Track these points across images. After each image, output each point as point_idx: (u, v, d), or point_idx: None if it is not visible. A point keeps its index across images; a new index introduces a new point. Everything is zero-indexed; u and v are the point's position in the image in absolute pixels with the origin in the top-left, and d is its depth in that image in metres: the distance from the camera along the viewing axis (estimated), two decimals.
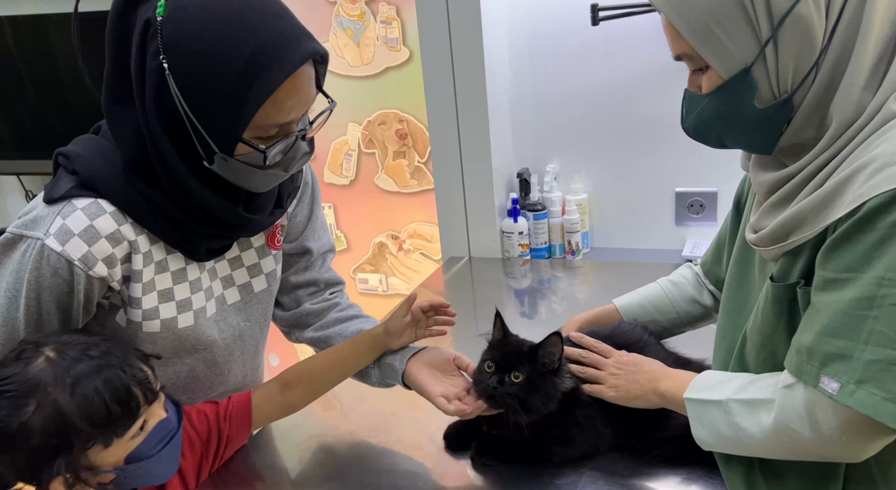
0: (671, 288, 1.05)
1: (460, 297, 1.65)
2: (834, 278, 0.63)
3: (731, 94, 0.68)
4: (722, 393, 0.73)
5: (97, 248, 0.84)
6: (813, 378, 0.64)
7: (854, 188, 0.62)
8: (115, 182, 0.86)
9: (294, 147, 0.85)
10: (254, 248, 1.01)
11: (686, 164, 1.72)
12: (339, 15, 2.06)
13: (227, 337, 1.01)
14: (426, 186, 2.14)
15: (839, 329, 0.62)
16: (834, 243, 0.63)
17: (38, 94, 2.23)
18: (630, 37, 1.66)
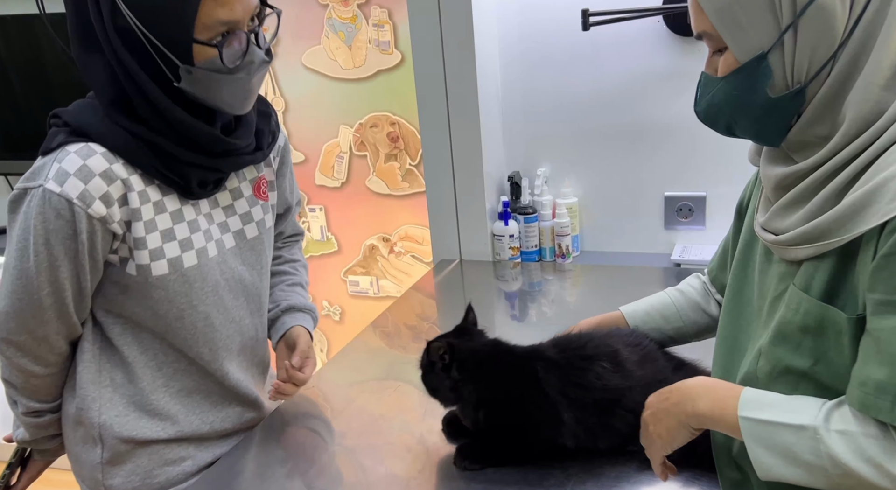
0: (678, 296, 1.03)
1: (451, 299, 1.66)
2: (889, 300, 0.61)
3: (744, 78, 0.67)
4: (803, 417, 0.66)
5: (93, 186, 0.90)
6: (888, 414, 0.60)
7: (887, 198, 0.60)
8: (102, 126, 0.92)
9: (249, 51, 0.91)
10: (244, 198, 1.08)
11: (675, 169, 1.74)
12: (332, 18, 2.06)
13: (231, 281, 1.06)
14: (417, 189, 2.15)
15: None
16: (881, 263, 0.61)
17: (25, 94, 2.22)
18: (620, 42, 1.68)
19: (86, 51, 0.92)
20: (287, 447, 1.08)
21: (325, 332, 2.44)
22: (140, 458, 1.04)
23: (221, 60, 0.89)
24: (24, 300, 0.93)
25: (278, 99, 2.20)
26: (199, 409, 1.07)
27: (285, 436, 1.11)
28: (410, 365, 1.30)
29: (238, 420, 1.12)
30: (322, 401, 1.22)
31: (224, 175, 1.03)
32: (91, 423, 1.02)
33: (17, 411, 1.05)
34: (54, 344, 0.99)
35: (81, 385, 1.02)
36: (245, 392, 1.12)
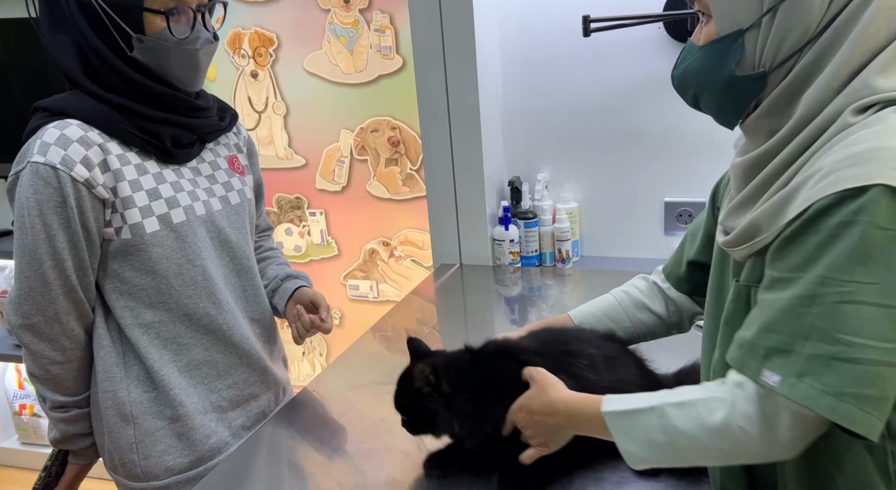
0: (623, 297, 1.05)
1: (451, 304, 1.66)
2: (779, 277, 0.65)
3: (718, 51, 0.70)
4: (650, 401, 0.72)
5: (72, 151, 0.97)
6: (754, 371, 0.65)
7: (803, 193, 0.64)
8: (77, 103, 1.01)
9: (196, 27, 1.01)
10: (223, 170, 1.16)
11: (675, 175, 1.74)
12: (333, 23, 2.07)
13: (216, 240, 1.12)
14: (418, 193, 2.15)
15: (781, 325, 0.63)
16: (781, 244, 0.65)
17: (25, 97, 2.23)
18: (621, 48, 1.69)
19: (53, 30, 1.01)
20: (287, 451, 1.08)
21: (324, 336, 2.44)
22: (169, 436, 1.08)
23: (170, 31, 0.99)
24: (31, 278, 0.99)
25: (279, 103, 2.21)
26: (207, 379, 1.12)
27: (285, 439, 1.11)
28: None
29: (245, 385, 1.16)
30: (322, 405, 1.22)
31: (196, 137, 1.11)
32: (121, 402, 1.06)
33: (46, 408, 1.09)
34: (66, 325, 1.03)
35: (106, 368, 1.06)
36: (250, 351, 1.16)
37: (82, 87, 1.01)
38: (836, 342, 0.59)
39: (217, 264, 1.12)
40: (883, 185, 0.58)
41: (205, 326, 1.10)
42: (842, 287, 0.59)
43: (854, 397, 0.59)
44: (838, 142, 0.63)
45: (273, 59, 2.16)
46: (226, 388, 1.14)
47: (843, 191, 0.59)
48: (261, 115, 2.24)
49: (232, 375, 1.14)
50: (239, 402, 1.16)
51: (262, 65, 2.18)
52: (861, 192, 0.59)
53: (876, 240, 0.58)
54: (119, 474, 1.11)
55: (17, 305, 1.01)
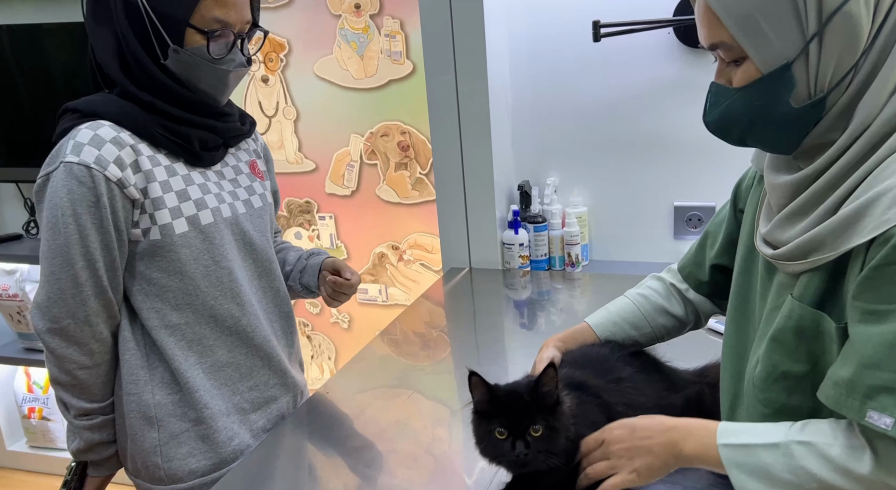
0: (642, 301, 1.01)
1: (460, 307, 1.66)
2: (873, 310, 0.61)
3: (767, 89, 0.66)
4: (773, 435, 0.67)
5: (105, 151, 0.98)
6: (856, 412, 0.61)
7: (878, 213, 0.60)
8: (109, 105, 1.03)
9: (234, 50, 1.05)
10: (244, 174, 1.19)
11: (684, 179, 1.75)
12: (344, 28, 2.09)
13: (241, 242, 1.14)
14: (427, 198, 2.16)
15: (885, 361, 0.59)
16: (869, 274, 0.62)
17: (33, 102, 2.25)
18: (630, 53, 1.70)
19: (96, 21, 1.03)
20: (297, 455, 1.08)
21: (333, 340, 2.44)
22: (193, 439, 1.09)
23: (208, 50, 1.01)
24: (62, 279, 0.99)
25: (290, 108, 2.22)
26: (230, 381, 1.13)
27: (295, 443, 1.12)
28: (420, 373, 1.32)
29: (266, 387, 1.18)
30: (332, 409, 1.23)
31: (221, 141, 1.13)
32: (146, 404, 1.07)
33: (69, 416, 1.08)
34: (96, 327, 1.03)
35: (131, 371, 1.07)
36: (271, 353, 1.17)
37: (117, 81, 1.03)
38: None
39: (241, 266, 1.13)
40: None
41: (229, 328, 1.11)
42: None
43: None
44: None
45: (284, 64, 2.18)
46: (248, 390, 1.15)
47: None
48: (271, 119, 2.25)
49: (254, 377, 1.15)
50: (260, 405, 1.17)
51: (272, 70, 2.19)
52: None
53: None
54: (141, 478, 1.11)
55: (45, 309, 1.00)
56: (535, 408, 0.80)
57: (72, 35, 2.13)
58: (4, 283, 2.34)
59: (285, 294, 1.24)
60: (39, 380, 2.52)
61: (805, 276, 0.69)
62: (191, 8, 0.98)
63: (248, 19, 1.05)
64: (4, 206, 2.59)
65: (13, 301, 2.35)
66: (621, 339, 1.00)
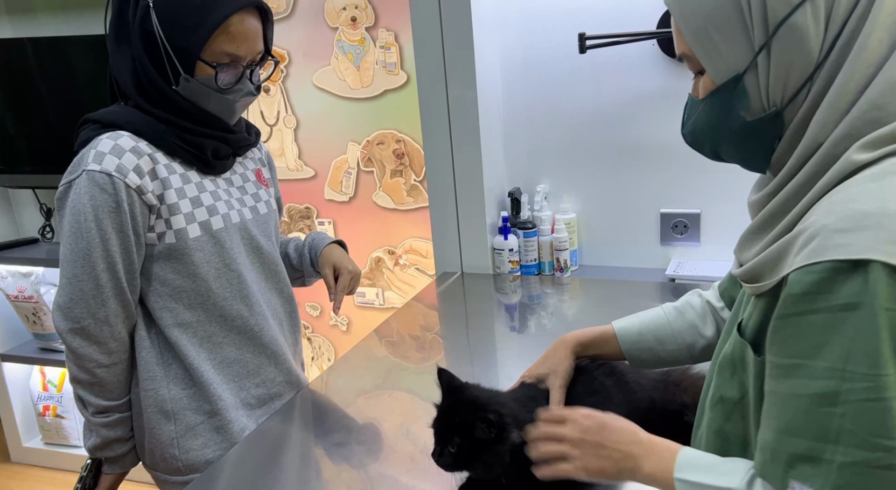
0: (674, 315, 0.96)
1: (452, 311, 1.70)
2: (784, 364, 0.59)
3: (721, 101, 0.66)
4: (726, 479, 0.64)
5: (126, 160, 1.04)
6: (779, 482, 0.58)
7: (793, 251, 0.59)
8: (127, 116, 1.08)
9: (242, 80, 1.09)
10: (251, 182, 1.24)
11: (670, 186, 1.78)
12: (341, 40, 2.14)
13: (249, 247, 1.20)
14: (422, 204, 2.21)
15: (803, 427, 0.56)
16: (776, 325, 0.59)
17: (55, 111, 2.31)
18: (616, 64, 1.73)
19: (117, 43, 1.09)
20: (293, 451, 1.12)
21: (332, 342, 2.50)
22: (208, 430, 1.14)
23: (216, 81, 1.06)
24: (84, 282, 1.04)
25: (290, 117, 2.28)
26: (238, 377, 1.18)
27: (290, 440, 1.15)
28: (414, 374, 1.35)
29: (271, 384, 1.23)
30: (327, 407, 1.27)
31: (231, 150, 1.18)
32: (162, 399, 1.12)
33: (87, 414, 1.13)
34: (115, 327, 1.08)
35: (147, 368, 1.12)
36: (277, 352, 1.23)
37: (132, 99, 1.08)
38: (873, 447, 0.52)
39: (250, 269, 1.19)
40: (880, 262, 0.52)
41: (237, 327, 1.16)
42: (865, 382, 0.52)
43: None
44: (839, 190, 0.58)
45: (284, 75, 2.24)
46: (254, 387, 1.20)
47: (836, 262, 0.54)
48: (272, 128, 2.32)
49: (260, 374, 1.20)
50: (265, 401, 1.22)
51: (273, 80, 2.26)
52: (856, 267, 0.53)
53: (886, 324, 0.52)
54: (160, 470, 1.16)
55: (67, 310, 1.05)
56: (458, 430, 0.81)
57: (94, 47, 2.19)
58: (21, 285, 2.42)
59: (291, 295, 1.30)
60: (54, 378, 2.59)
61: (757, 300, 0.67)
62: (203, 42, 1.03)
63: (260, 50, 1.09)
64: (23, 211, 2.68)
65: (29, 302, 2.42)
66: (643, 350, 0.96)
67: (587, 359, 1.01)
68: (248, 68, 1.09)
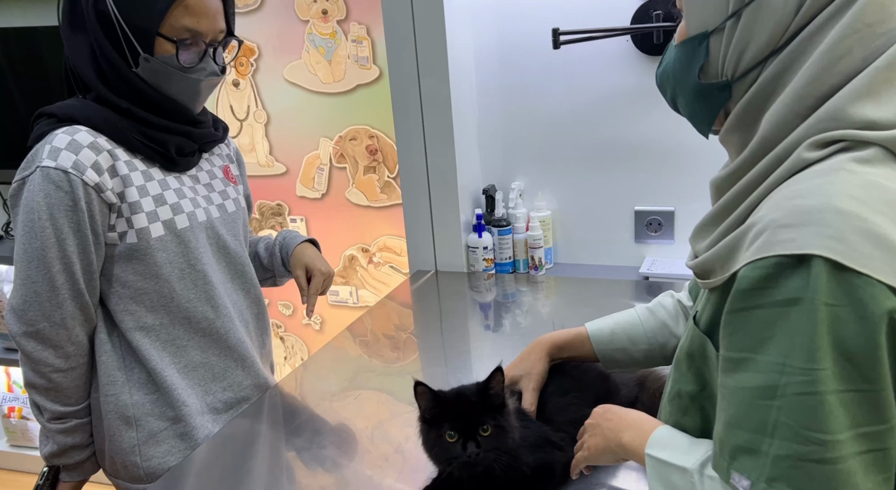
0: (647, 315, 0.97)
1: (427, 309, 1.69)
2: (732, 358, 0.59)
3: (686, 54, 0.67)
4: (686, 459, 0.66)
5: (83, 156, 1.00)
6: (724, 473, 0.60)
7: (743, 247, 0.59)
8: (85, 110, 1.03)
9: (205, 59, 1.05)
10: (219, 179, 1.21)
11: (645, 185, 1.78)
12: (312, 33, 2.10)
13: (215, 247, 1.17)
14: (396, 201, 2.18)
15: (744, 420, 0.57)
16: (726, 319, 0.60)
17: (23, 104, 2.25)
18: (591, 61, 1.72)
19: (72, 29, 1.04)
20: (262, 453, 1.09)
21: (305, 342, 2.47)
22: (172, 437, 1.11)
23: (177, 58, 1.02)
24: (38, 283, 1.00)
25: (261, 112, 2.24)
26: (203, 381, 1.15)
27: (259, 441, 1.13)
28: (386, 374, 1.33)
29: (239, 388, 1.20)
30: (296, 408, 1.24)
31: (196, 146, 1.15)
32: (123, 405, 1.09)
33: (43, 420, 1.08)
34: (72, 330, 1.04)
35: (108, 373, 1.08)
36: (245, 354, 1.20)
37: (93, 88, 1.04)
38: (805, 441, 0.53)
39: (216, 269, 1.16)
40: (822, 258, 0.52)
41: (203, 329, 1.13)
42: (801, 376, 0.53)
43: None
44: (788, 185, 0.58)
45: (254, 69, 2.19)
46: (221, 391, 1.17)
47: (781, 257, 0.54)
48: (242, 123, 2.27)
49: (227, 378, 1.18)
50: (232, 405, 1.19)
51: (243, 74, 2.21)
52: (799, 262, 0.53)
53: (824, 319, 0.52)
54: (120, 478, 1.13)
55: (21, 313, 1.01)
56: (483, 408, 0.82)
57: None
58: None
59: (259, 296, 1.27)
60: (19, 379, 2.53)
61: (710, 294, 0.68)
62: (160, 17, 0.99)
63: (222, 28, 1.06)
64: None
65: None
66: (616, 351, 0.97)
67: (562, 361, 1.01)
68: (210, 46, 1.06)
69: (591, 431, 0.81)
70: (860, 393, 0.53)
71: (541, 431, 0.90)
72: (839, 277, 0.52)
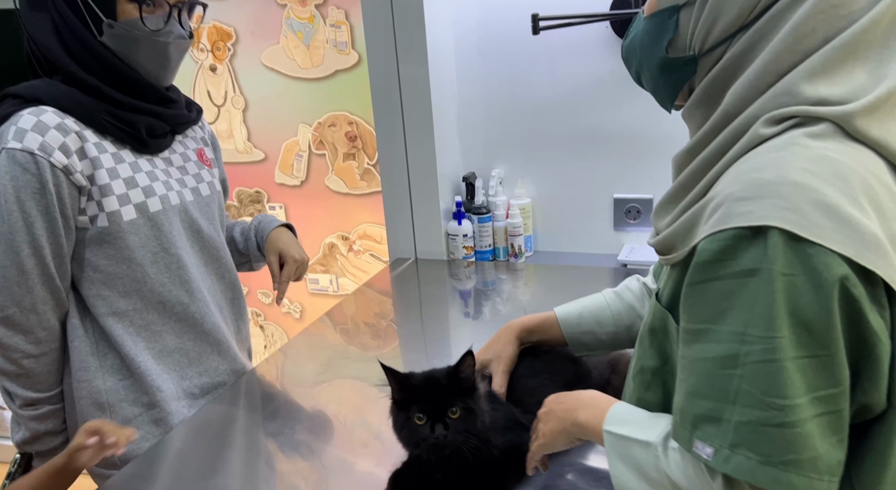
0: (613, 298, 0.99)
1: (406, 297, 1.68)
2: (692, 329, 0.60)
3: (655, 27, 0.67)
4: (648, 433, 0.67)
5: (50, 137, 0.97)
6: (686, 442, 0.60)
7: (701, 221, 0.60)
8: (52, 90, 1.01)
9: (171, 22, 1.03)
10: (192, 162, 1.19)
11: (624, 172, 1.78)
12: (290, 17, 2.07)
13: (189, 230, 1.15)
14: (375, 188, 2.17)
15: (706, 389, 0.58)
16: (686, 292, 0.61)
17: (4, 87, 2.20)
18: (570, 47, 1.71)
19: (31, 8, 1.02)
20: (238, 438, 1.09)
21: (285, 330, 2.45)
22: (146, 423, 1.10)
23: (142, 21, 1.00)
24: (6, 267, 0.98)
25: (238, 97, 2.21)
26: (179, 367, 1.14)
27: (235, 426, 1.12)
28: (364, 361, 1.33)
29: (215, 373, 1.19)
30: (273, 393, 1.24)
31: (168, 128, 1.12)
32: (97, 391, 1.07)
33: (15, 406, 1.07)
34: (42, 315, 1.02)
35: (81, 358, 1.07)
36: (220, 339, 1.19)
37: (60, 65, 1.01)
38: (766, 406, 0.54)
39: (190, 253, 1.14)
40: (778, 229, 0.53)
41: (177, 314, 1.12)
42: (761, 344, 0.54)
43: (792, 464, 0.54)
44: (745, 160, 0.59)
45: (231, 54, 2.16)
46: (197, 376, 1.16)
47: (737, 229, 0.55)
48: (220, 109, 2.24)
49: (202, 363, 1.17)
50: (208, 390, 1.18)
51: (220, 59, 2.17)
52: (756, 234, 0.54)
53: (781, 288, 0.54)
54: (94, 464, 1.12)
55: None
56: (452, 391, 0.82)
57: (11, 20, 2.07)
58: None
59: (234, 281, 1.26)
60: None
61: (671, 270, 0.69)
62: None
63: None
64: None
65: None
66: (583, 333, 0.98)
67: (533, 344, 1.02)
68: (175, 8, 1.03)
69: (544, 419, 0.80)
70: (816, 358, 0.54)
71: (510, 413, 0.90)
72: (795, 248, 0.53)
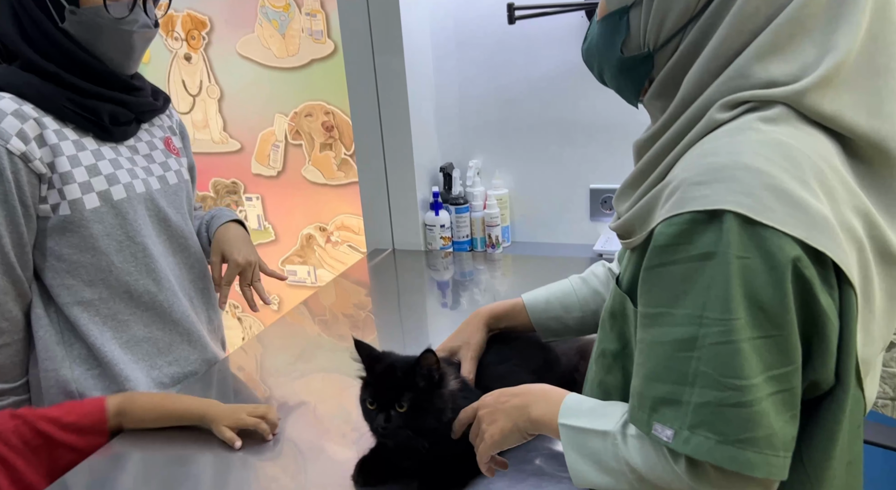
0: (579, 283, 1.00)
1: (384, 288, 1.68)
2: (650, 313, 0.61)
3: (607, 29, 0.69)
4: (605, 422, 0.67)
5: (7, 124, 0.96)
6: (645, 425, 0.61)
7: (658, 206, 0.61)
8: (7, 76, 0.99)
9: (135, 10, 1.01)
10: (159, 150, 1.17)
11: (600, 162, 1.78)
12: (265, 6, 2.05)
13: (156, 219, 1.13)
14: (353, 179, 2.16)
15: (664, 372, 0.59)
16: (643, 276, 0.62)
17: None
18: (546, 37, 1.71)
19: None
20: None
21: (263, 323, 2.44)
22: None
23: (106, 8, 0.98)
24: None
25: (214, 87, 2.18)
26: (148, 356, 1.13)
27: None
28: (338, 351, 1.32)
29: (186, 362, 1.18)
30: (246, 382, 1.23)
31: (133, 116, 1.10)
32: (65, 380, 1.06)
33: None
34: (4, 306, 1.01)
35: (47, 348, 1.06)
36: (190, 328, 1.18)
37: (18, 52, 0.99)
38: (724, 387, 0.55)
39: (156, 242, 1.13)
40: (733, 213, 0.54)
41: (145, 303, 1.11)
42: (718, 326, 0.55)
43: (749, 442, 0.55)
44: (701, 144, 0.60)
45: (206, 43, 2.13)
46: (167, 365, 1.15)
47: (694, 213, 0.56)
48: (195, 98, 2.21)
49: (172, 352, 1.16)
50: (179, 379, 1.17)
51: (195, 48, 2.14)
52: (712, 218, 0.55)
53: (737, 271, 0.55)
54: None
55: None
56: (404, 385, 0.80)
57: None
58: None
59: (204, 270, 1.25)
60: None
61: (631, 254, 0.70)
62: None
63: None
64: None
65: None
66: (550, 319, 0.99)
67: (501, 331, 1.02)
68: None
69: (487, 419, 0.77)
70: (770, 338, 0.55)
71: None
72: (749, 231, 0.54)
